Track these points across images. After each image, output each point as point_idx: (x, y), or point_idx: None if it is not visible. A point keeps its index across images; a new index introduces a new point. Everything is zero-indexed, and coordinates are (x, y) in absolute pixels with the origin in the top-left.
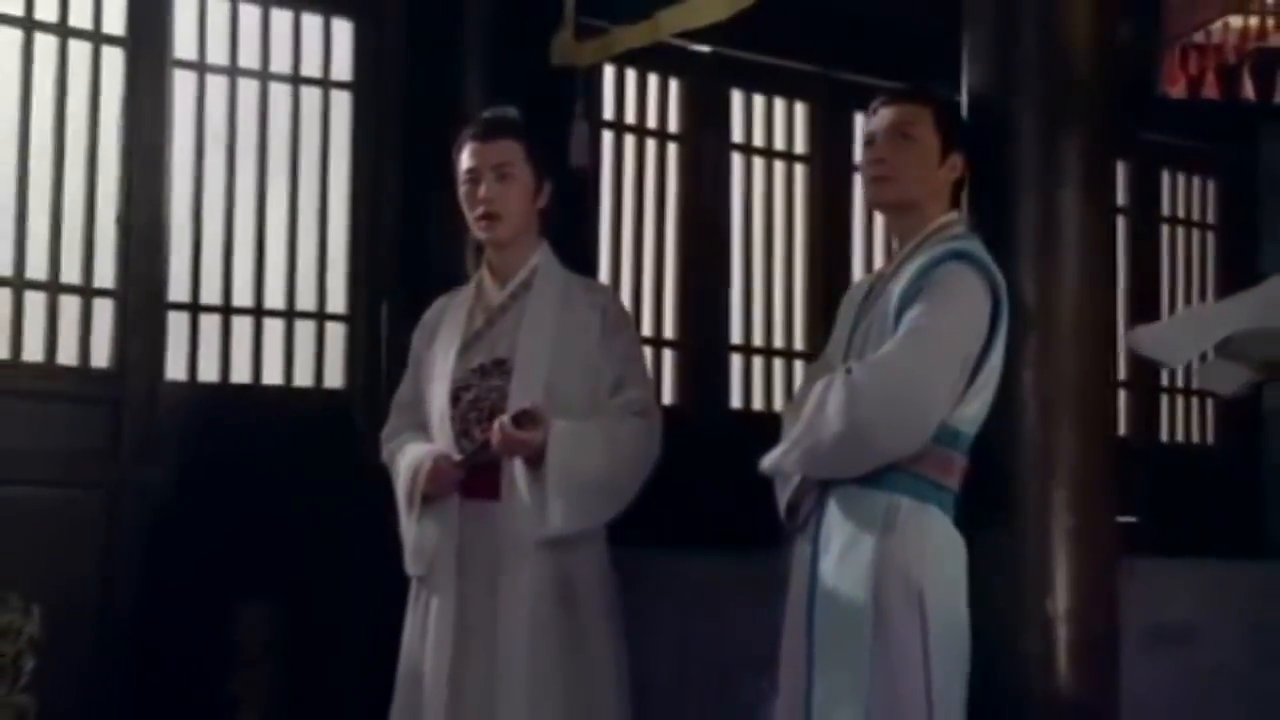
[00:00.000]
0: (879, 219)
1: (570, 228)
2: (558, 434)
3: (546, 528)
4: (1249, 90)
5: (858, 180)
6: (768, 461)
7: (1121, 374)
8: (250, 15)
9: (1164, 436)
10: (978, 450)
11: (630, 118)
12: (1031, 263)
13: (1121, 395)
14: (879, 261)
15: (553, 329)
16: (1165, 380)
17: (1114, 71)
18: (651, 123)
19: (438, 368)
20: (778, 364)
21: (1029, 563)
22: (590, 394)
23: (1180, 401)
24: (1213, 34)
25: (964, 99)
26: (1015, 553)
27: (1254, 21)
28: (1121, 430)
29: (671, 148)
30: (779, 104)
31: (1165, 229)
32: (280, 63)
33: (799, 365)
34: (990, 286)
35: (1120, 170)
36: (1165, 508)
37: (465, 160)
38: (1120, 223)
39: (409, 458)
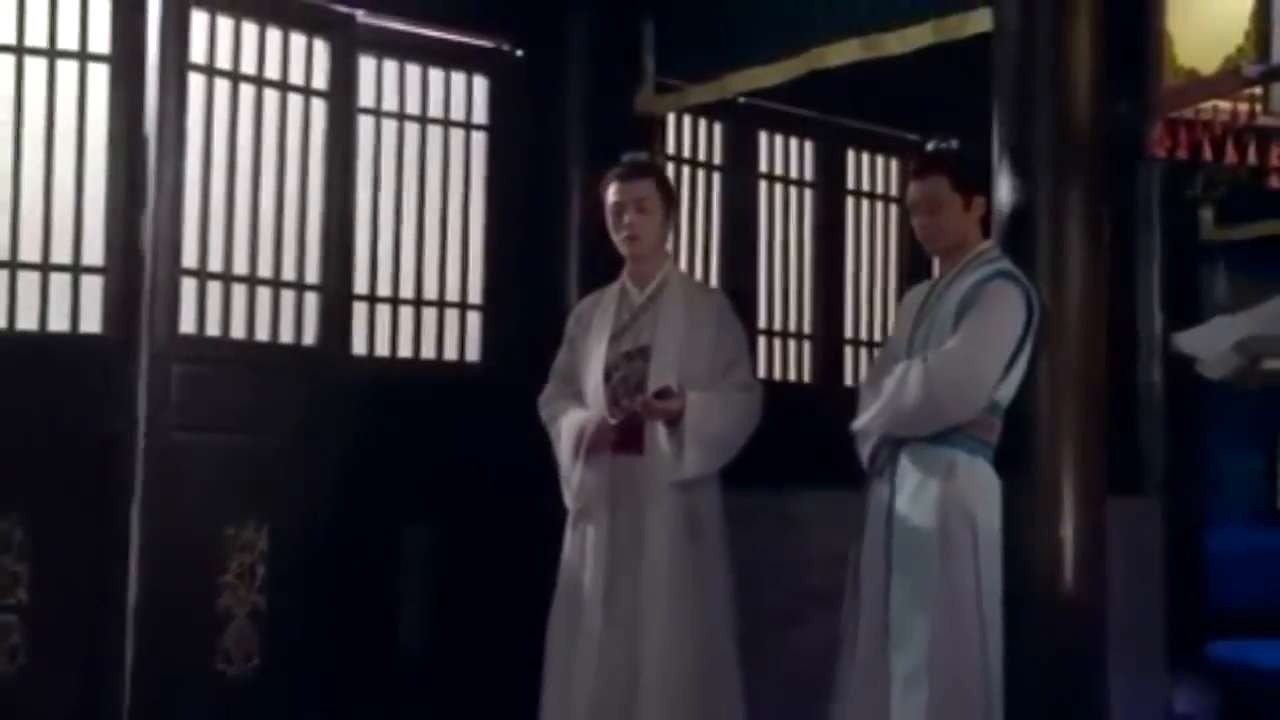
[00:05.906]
0: (865, 234)
1: None
2: (692, 401)
3: (682, 471)
4: (1207, 154)
5: (850, 202)
6: (860, 423)
7: None
8: (413, 73)
9: None
10: (1010, 416)
11: (686, 153)
12: (1045, 278)
13: None
14: (865, 266)
15: (682, 323)
16: None
17: (1110, 138)
18: (700, 157)
19: (592, 351)
20: (792, 345)
21: (1044, 498)
22: (708, 373)
23: None
24: (1202, 111)
25: (995, 159)
26: (1035, 491)
27: (1243, 106)
28: None
29: (715, 176)
30: (793, 143)
31: None
32: (435, 110)
33: (808, 346)
34: (1027, 299)
35: None
36: None
37: (612, 195)
38: None
39: (572, 420)
